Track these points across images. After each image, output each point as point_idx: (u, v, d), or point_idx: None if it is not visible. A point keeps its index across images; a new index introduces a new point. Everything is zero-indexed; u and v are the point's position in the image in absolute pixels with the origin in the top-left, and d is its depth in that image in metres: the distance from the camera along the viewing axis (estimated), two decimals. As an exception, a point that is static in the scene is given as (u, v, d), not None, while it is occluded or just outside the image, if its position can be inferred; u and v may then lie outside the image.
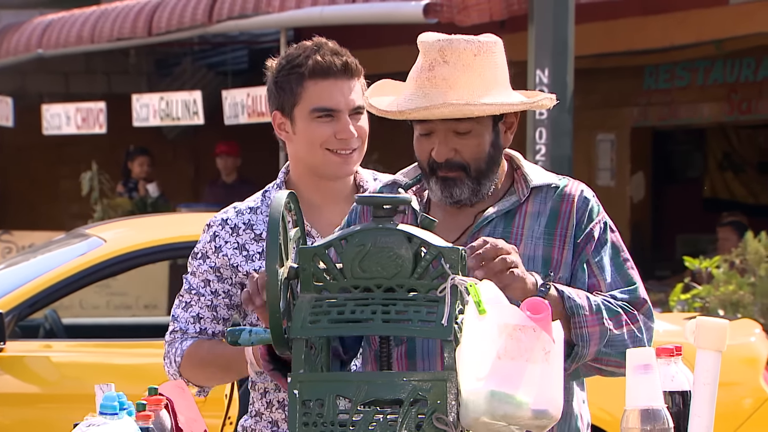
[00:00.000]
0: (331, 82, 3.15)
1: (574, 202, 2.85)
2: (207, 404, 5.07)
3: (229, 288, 3.20)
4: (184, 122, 11.10)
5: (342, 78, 3.17)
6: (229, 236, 3.23)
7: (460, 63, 2.73)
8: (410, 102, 2.73)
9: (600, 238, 2.84)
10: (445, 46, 2.73)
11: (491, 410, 2.33)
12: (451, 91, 2.71)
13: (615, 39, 10.80)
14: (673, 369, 2.54)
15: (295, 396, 2.38)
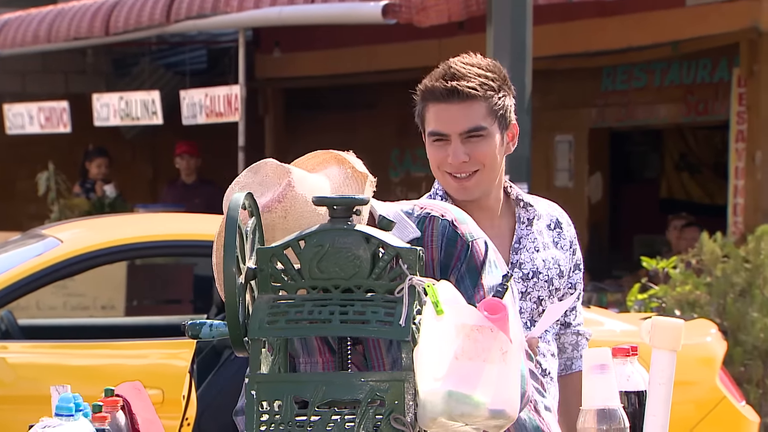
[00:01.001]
0: (443, 107, 3.07)
1: (434, 245, 2.70)
2: (164, 405, 5.07)
3: None
4: (144, 122, 11.07)
5: (452, 102, 3.06)
6: None
7: (278, 232, 2.55)
8: None
9: (460, 270, 2.69)
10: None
11: (449, 410, 2.34)
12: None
13: (573, 40, 10.85)
14: (629, 369, 2.56)
15: (252, 397, 2.38)
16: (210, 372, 5.67)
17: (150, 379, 4.97)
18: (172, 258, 8.98)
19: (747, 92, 10.29)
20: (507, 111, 3.07)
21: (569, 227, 3.15)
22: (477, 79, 3.03)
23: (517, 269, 3.08)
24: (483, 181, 3.08)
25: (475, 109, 3.03)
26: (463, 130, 3.04)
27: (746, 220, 10.01)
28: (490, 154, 3.06)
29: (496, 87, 3.05)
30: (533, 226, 3.12)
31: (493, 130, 3.05)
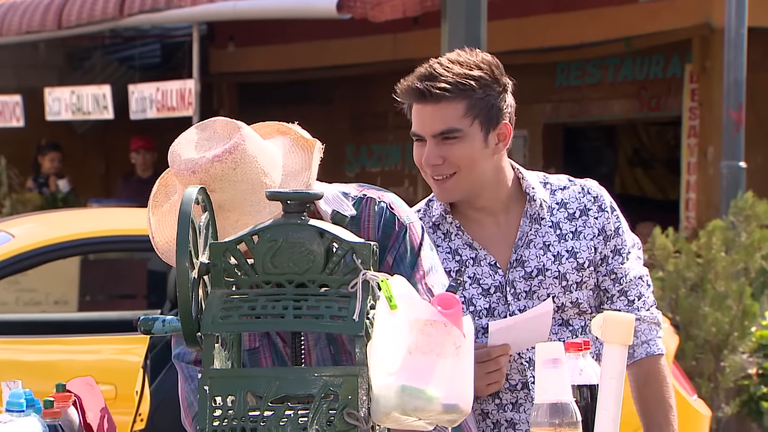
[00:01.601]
0: (419, 107, 2.98)
1: (370, 226, 2.78)
2: (117, 401, 5.05)
3: None
4: (95, 117, 11.01)
5: (426, 102, 2.96)
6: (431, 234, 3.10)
7: (226, 184, 2.62)
8: None
9: (398, 251, 2.78)
10: (206, 180, 2.61)
11: (402, 405, 2.34)
12: (230, 213, 2.63)
13: (527, 36, 10.89)
14: (582, 363, 2.57)
15: (205, 392, 2.37)
16: (164, 367, 5.65)
17: (103, 374, 4.95)
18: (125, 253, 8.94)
19: (699, 88, 10.37)
20: (492, 110, 2.94)
21: (601, 213, 3.01)
22: (454, 78, 2.92)
23: (519, 267, 2.97)
24: (461, 184, 2.96)
25: (449, 110, 2.92)
26: (435, 132, 2.94)
27: (698, 215, 10.09)
28: (466, 157, 2.93)
29: (480, 85, 2.92)
30: (544, 221, 2.99)
31: (471, 131, 2.93)
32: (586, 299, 3.00)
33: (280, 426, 2.35)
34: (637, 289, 3.03)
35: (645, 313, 3.03)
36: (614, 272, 3.00)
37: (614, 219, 3.02)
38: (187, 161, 2.68)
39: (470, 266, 2.98)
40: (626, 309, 3.01)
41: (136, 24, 11.43)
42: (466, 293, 2.98)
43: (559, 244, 2.98)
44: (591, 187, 3.04)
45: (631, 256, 3.02)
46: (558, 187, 3.03)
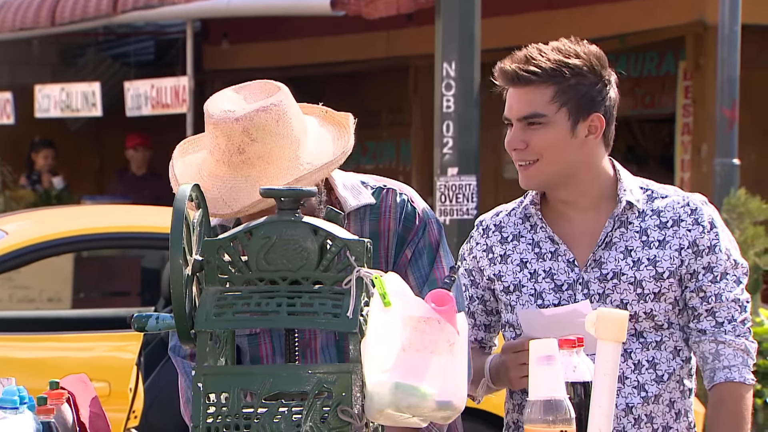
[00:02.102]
0: (510, 91, 2.93)
1: (391, 216, 2.83)
2: (111, 398, 5.05)
3: (482, 293, 3.02)
4: (83, 114, 11.01)
5: (515, 85, 2.92)
6: (480, 237, 3.04)
7: (268, 135, 2.67)
8: (237, 191, 2.66)
9: (417, 245, 2.82)
10: (249, 126, 2.66)
11: (396, 402, 2.34)
12: (269, 166, 2.67)
13: (521, 33, 10.88)
14: (575, 360, 2.57)
15: (199, 389, 2.37)
16: (157, 365, 5.65)
17: (97, 371, 4.95)
18: (119, 250, 8.94)
19: (693, 85, 10.38)
20: (584, 99, 2.85)
21: (696, 226, 2.89)
22: (546, 64, 2.85)
23: (596, 268, 2.90)
24: (544, 172, 2.88)
25: (536, 95, 2.86)
26: (520, 116, 2.87)
27: (692, 212, 10.09)
28: (549, 144, 2.85)
29: (573, 73, 2.84)
30: (631, 226, 2.89)
31: (556, 118, 2.85)
32: (663, 312, 2.89)
33: (274, 423, 2.35)
34: (728, 312, 2.88)
35: (731, 338, 2.87)
36: (703, 290, 2.88)
37: (712, 236, 2.89)
38: (230, 110, 2.70)
39: (547, 260, 2.92)
40: (712, 330, 2.87)
41: (130, 21, 11.42)
42: (538, 286, 2.92)
43: (642, 250, 2.88)
44: (694, 200, 2.93)
45: (729, 278, 2.89)
46: (659, 195, 2.93)
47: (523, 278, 2.94)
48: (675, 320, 2.91)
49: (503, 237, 2.98)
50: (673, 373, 2.91)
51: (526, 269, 2.93)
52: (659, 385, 2.90)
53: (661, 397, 2.91)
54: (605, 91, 2.91)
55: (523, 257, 2.95)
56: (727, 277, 2.89)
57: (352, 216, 2.84)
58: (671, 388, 2.91)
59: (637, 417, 2.87)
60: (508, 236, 2.98)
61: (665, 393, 2.91)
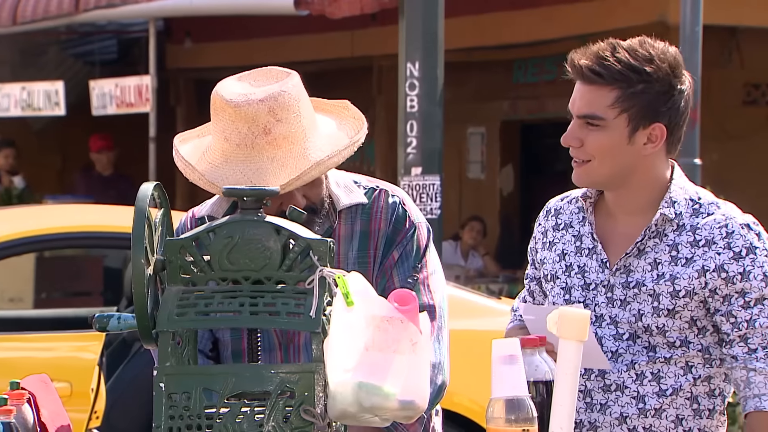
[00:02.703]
0: (576, 85, 2.86)
1: (381, 216, 2.85)
2: (73, 398, 5.02)
3: (538, 274, 2.99)
4: (46, 113, 10.94)
5: (581, 81, 2.83)
6: (543, 219, 3.02)
7: (292, 115, 2.70)
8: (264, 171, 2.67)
9: (405, 247, 2.84)
10: (274, 106, 2.68)
11: (358, 401, 2.34)
12: (294, 146, 2.69)
13: (484, 33, 10.92)
14: (537, 359, 2.58)
15: (161, 389, 2.37)
16: (119, 365, 5.62)
17: (58, 372, 4.92)
18: (81, 250, 8.89)
19: (655, 86, 10.41)
20: (648, 107, 2.78)
21: (727, 251, 2.81)
22: (615, 66, 2.78)
23: (623, 274, 2.85)
24: (595, 173, 2.82)
25: (598, 96, 2.79)
26: (579, 113, 2.82)
27: (654, 212, 10.14)
28: (603, 147, 2.79)
29: (641, 80, 2.77)
30: (666, 238, 2.84)
31: (615, 123, 2.79)
32: (676, 330, 2.83)
33: (236, 423, 2.35)
34: (763, 338, 2.81)
35: (762, 365, 2.79)
36: (734, 315, 2.80)
37: (747, 262, 2.81)
38: (249, 93, 2.69)
39: (584, 256, 2.89)
40: (744, 356, 2.80)
41: (92, 20, 11.37)
42: (569, 280, 2.89)
43: (668, 265, 2.82)
44: (736, 222, 2.84)
45: (766, 304, 2.81)
46: (706, 212, 2.85)
47: (559, 270, 2.91)
48: (693, 339, 2.85)
49: (557, 223, 2.96)
50: (680, 388, 2.84)
51: (564, 261, 2.91)
52: (661, 399, 2.84)
53: (665, 412, 2.84)
54: (673, 100, 2.81)
55: (565, 248, 2.92)
56: (763, 303, 2.81)
57: (344, 214, 2.85)
58: (678, 404, 2.84)
59: (633, 428, 2.82)
60: (561, 224, 2.95)
61: (670, 408, 2.84)
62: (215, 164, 2.72)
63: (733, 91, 11.19)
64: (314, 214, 2.79)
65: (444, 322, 2.85)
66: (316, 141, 2.73)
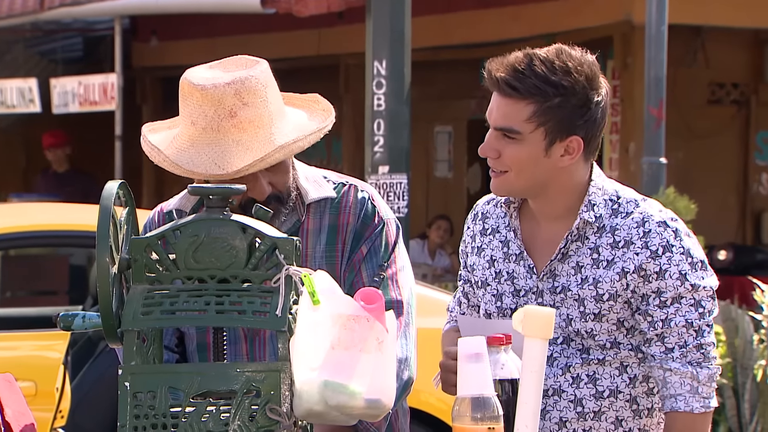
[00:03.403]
0: (494, 95, 2.84)
1: (350, 211, 2.86)
2: (37, 397, 5.00)
3: (466, 275, 2.99)
4: (20, 110, 10.89)
5: (497, 93, 2.83)
6: (471, 221, 3.01)
7: (258, 100, 2.71)
8: (228, 154, 2.67)
9: (374, 242, 2.84)
10: (241, 89, 2.69)
11: (324, 400, 2.34)
12: (259, 130, 2.70)
13: (451, 32, 10.93)
14: (503, 357, 2.58)
15: (126, 388, 2.36)
16: (85, 364, 5.60)
17: (22, 371, 4.90)
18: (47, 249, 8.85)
19: (621, 84, 10.47)
20: (565, 121, 2.75)
21: (644, 251, 2.78)
22: (531, 80, 2.75)
23: (549, 279, 2.84)
24: (512, 184, 2.81)
25: (515, 110, 2.77)
26: (496, 125, 2.79)
27: (620, 210, 10.18)
28: (520, 160, 2.77)
29: (559, 93, 2.74)
30: (587, 241, 2.82)
31: (531, 137, 2.76)
32: (605, 333, 2.82)
33: (201, 422, 2.34)
34: (679, 337, 2.79)
35: (678, 365, 2.78)
36: (650, 314, 2.78)
37: (663, 260, 2.78)
38: (216, 77, 2.71)
39: (512, 262, 2.88)
40: (661, 356, 2.79)
41: (58, 17, 11.31)
42: (500, 287, 2.89)
43: (591, 268, 2.81)
44: (652, 220, 2.81)
45: (683, 303, 2.79)
46: (625, 212, 2.83)
47: (489, 276, 2.91)
48: (623, 340, 2.84)
49: (484, 228, 2.95)
50: (616, 390, 2.84)
51: (493, 268, 2.91)
52: (599, 401, 2.84)
53: (604, 414, 2.84)
54: (590, 113, 2.79)
55: (493, 254, 2.92)
56: (680, 302, 2.78)
57: (312, 208, 2.85)
58: (618, 406, 2.84)
59: (573, 431, 2.81)
60: (489, 228, 2.95)
61: (609, 410, 2.84)
62: (181, 149, 2.73)
63: (698, 90, 11.25)
64: (280, 203, 2.79)
65: (411, 319, 2.85)
66: (283, 127, 2.74)
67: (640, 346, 2.84)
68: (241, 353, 2.81)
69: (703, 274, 2.82)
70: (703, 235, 7.39)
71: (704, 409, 2.79)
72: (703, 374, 2.79)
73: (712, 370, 2.81)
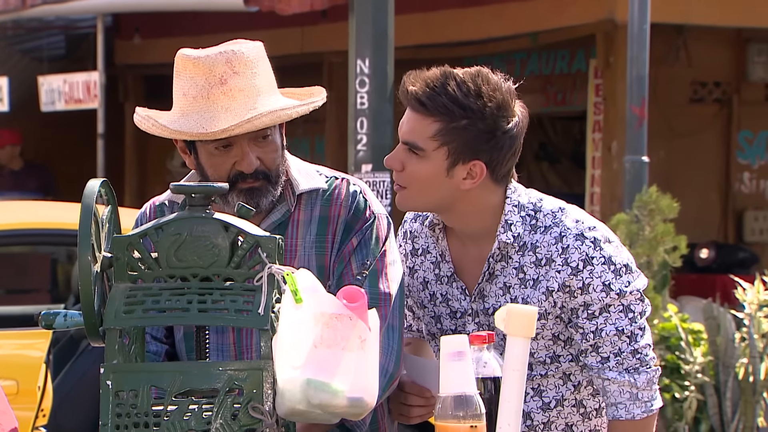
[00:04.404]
0: (407, 110, 2.84)
1: (341, 203, 2.84)
2: (19, 396, 4.99)
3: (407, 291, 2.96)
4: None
5: (409, 107, 2.81)
6: (401, 239, 2.98)
7: (249, 71, 2.73)
8: (217, 119, 2.69)
9: (364, 235, 2.83)
10: (232, 58, 2.72)
11: (307, 398, 2.34)
12: (249, 100, 2.71)
13: (433, 31, 10.93)
14: (486, 355, 2.59)
15: (108, 387, 2.35)
16: (67, 362, 5.59)
17: (4, 369, 4.89)
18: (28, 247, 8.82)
19: (603, 83, 10.48)
20: (469, 144, 2.74)
21: (565, 267, 2.78)
22: (441, 99, 2.74)
23: (480, 300, 2.84)
24: (412, 201, 2.81)
25: (420, 126, 2.76)
26: (402, 139, 2.80)
27: (603, 208, 10.22)
28: (420, 177, 2.77)
29: (466, 115, 2.73)
30: (511, 261, 2.82)
31: (433, 156, 2.75)
32: (542, 349, 2.83)
33: (184, 420, 2.34)
34: (613, 345, 2.79)
35: (614, 375, 2.78)
36: (580, 326, 2.79)
37: (585, 274, 2.77)
38: (212, 50, 2.75)
39: (444, 284, 2.88)
40: (597, 366, 2.79)
41: (40, 15, 11.27)
42: (437, 309, 2.89)
43: (518, 288, 2.81)
44: (569, 235, 2.79)
45: (612, 311, 2.78)
46: (543, 226, 2.82)
47: (424, 299, 2.91)
48: (562, 352, 2.85)
49: (414, 248, 2.95)
50: (562, 399, 2.86)
51: (427, 290, 2.91)
52: (546, 413, 2.85)
53: (554, 423, 2.86)
54: (495, 140, 2.77)
55: (426, 276, 2.91)
56: (608, 311, 2.78)
57: (303, 199, 2.85)
58: (566, 413, 2.86)
59: None
60: (419, 249, 2.94)
61: (558, 419, 2.86)
62: (172, 120, 2.75)
63: (681, 88, 11.27)
64: (268, 181, 2.77)
65: (399, 313, 2.83)
66: (272, 99, 2.75)
67: (579, 354, 2.84)
68: (227, 342, 2.80)
69: (629, 279, 2.80)
70: (686, 234, 7.42)
71: (646, 414, 2.79)
72: (641, 380, 2.79)
73: (650, 374, 2.80)
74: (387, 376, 2.77)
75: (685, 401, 6.89)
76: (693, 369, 6.90)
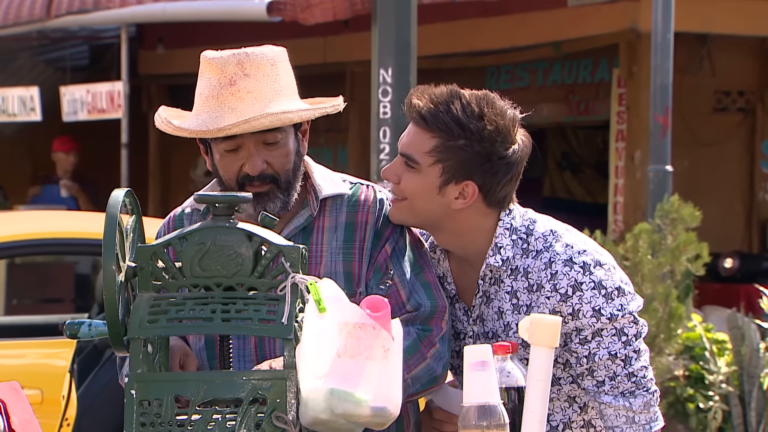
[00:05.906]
0: (410, 123, 2.85)
1: (368, 209, 2.83)
2: (44, 405, 5.00)
3: None
4: (21, 119, 10.90)
5: (411, 120, 2.83)
6: None
7: (261, 74, 2.73)
8: (221, 119, 2.69)
9: (397, 243, 2.82)
10: (244, 60, 2.72)
11: (331, 408, 2.34)
12: (257, 102, 2.71)
13: (456, 40, 10.93)
14: (509, 365, 2.58)
15: (132, 396, 2.36)
16: (91, 372, 5.60)
17: (29, 379, 4.90)
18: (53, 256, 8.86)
19: (626, 92, 10.47)
20: (464, 164, 2.75)
21: (554, 294, 2.77)
22: (442, 115, 2.75)
23: (479, 323, 2.84)
24: (407, 214, 2.81)
25: (418, 140, 2.78)
26: (401, 151, 2.81)
27: (626, 218, 10.19)
28: (413, 190, 2.78)
29: (465, 136, 2.74)
30: (503, 284, 2.82)
31: (428, 171, 2.77)
32: None
33: (207, 430, 2.34)
34: (607, 369, 2.78)
35: (609, 399, 2.77)
36: (574, 351, 2.78)
37: (574, 300, 2.76)
38: (230, 50, 2.76)
39: (449, 304, 2.86)
40: (594, 389, 2.78)
41: (64, 25, 11.33)
42: None
43: (512, 314, 2.80)
44: (558, 260, 2.78)
45: (604, 335, 2.76)
46: (534, 250, 2.80)
47: None
48: (561, 375, 2.83)
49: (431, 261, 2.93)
50: (570, 421, 2.85)
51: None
52: None
53: None
54: (490, 164, 2.77)
55: None
56: (601, 335, 2.76)
57: (328, 204, 2.84)
58: None
59: None
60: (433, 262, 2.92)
61: None
62: (188, 119, 2.76)
63: (704, 98, 11.24)
64: (276, 185, 2.76)
65: (448, 321, 2.81)
66: (284, 104, 2.74)
67: (572, 380, 2.84)
68: (249, 347, 2.79)
69: (621, 302, 2.78)
70: (710, 243, 7.39)
71: None
72: (637, 403, 2.78)
73: (647, 397, 2.79)
74: (432, 377, 2.75)
75: (709, 411, 6.87)
76: (717, 379, 6.87)
